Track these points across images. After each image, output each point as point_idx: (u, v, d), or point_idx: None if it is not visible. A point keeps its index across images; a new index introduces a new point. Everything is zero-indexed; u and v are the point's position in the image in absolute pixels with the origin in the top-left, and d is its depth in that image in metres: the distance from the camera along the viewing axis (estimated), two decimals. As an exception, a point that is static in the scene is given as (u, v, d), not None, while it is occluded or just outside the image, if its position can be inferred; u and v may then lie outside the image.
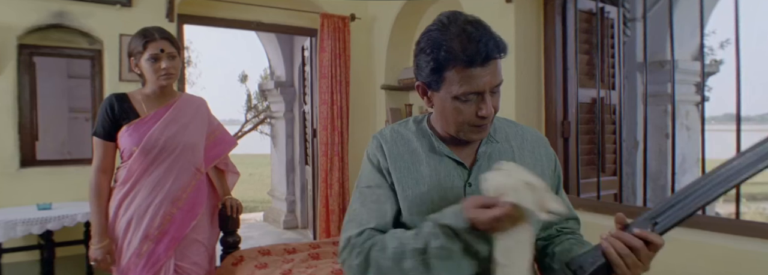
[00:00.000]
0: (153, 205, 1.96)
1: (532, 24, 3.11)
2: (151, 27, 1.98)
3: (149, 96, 2.02)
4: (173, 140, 1.98)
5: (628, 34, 4.03)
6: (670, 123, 2.73)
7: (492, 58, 0.99)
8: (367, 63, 4.63)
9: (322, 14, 4.22)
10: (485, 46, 0.97)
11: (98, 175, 1.97)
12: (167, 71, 1.93)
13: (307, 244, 2.63)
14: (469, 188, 1.12)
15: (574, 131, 3.04)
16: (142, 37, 1.92)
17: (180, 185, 2.02)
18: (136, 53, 1.94)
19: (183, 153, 2.02)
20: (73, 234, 3.23)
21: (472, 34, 0.98)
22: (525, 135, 1.23)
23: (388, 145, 1.18)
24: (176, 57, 1.97)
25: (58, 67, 3.64)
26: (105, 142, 1.97)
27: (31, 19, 3.29)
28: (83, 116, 3.71)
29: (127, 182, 1.96)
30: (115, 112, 1.95)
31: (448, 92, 1.03)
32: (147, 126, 1.96)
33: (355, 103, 4.49)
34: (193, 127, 2.08)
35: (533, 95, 3.12)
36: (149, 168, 1.96)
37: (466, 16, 1.03)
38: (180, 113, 2.04)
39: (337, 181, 4.26)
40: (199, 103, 2.17)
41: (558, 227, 1.24)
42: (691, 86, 4.31)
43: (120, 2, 3.50)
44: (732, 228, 2.19)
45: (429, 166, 1.14)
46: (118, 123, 1.95)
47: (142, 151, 1.93)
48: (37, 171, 3.37)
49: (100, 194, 1.97)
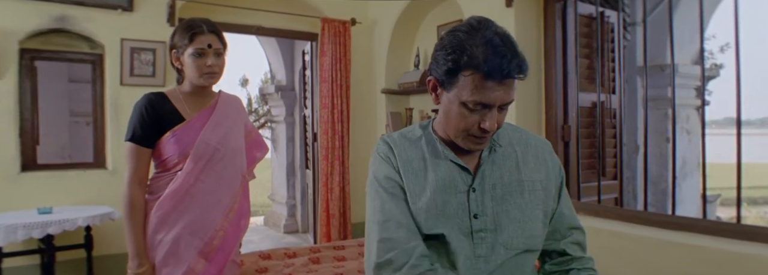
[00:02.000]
0: (208, 219, 1.74)
1: (532, 28, 3.12)
2: (198, 18, 1.77)
3: (190, 96, 1.79)
4: (224, 144, 1.79)
5: (628, 39, 4.04)
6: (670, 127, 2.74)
7: (511, 77, 0.98)
8: (367, 67, 4.64)
9: (323, 19, 4.23)
10: (508, 63, 0.96)
11: (134, 188, 1.69)
12: (212, 69, 1.72)
13: (307, 248, 2.63)
14: (472, 194, 1.12)
15: (575, 134, 3.05)
16: (188, 29, 1.70)
17: (231, 194, 1.82)
18: (179, 46, 1.72)
19: (232, 159, 1.83)
20: (73, 238, 3.22)
21: (499, 49, 0.97)
22: (529, 141, 1.22)
23: (398, 149, 1.18)
24: (222, 54, 1.76)
25: (60, 71, 3.65)
26: (142, 149, 1.70)
27: (32, 24, 3.30)
28: (84, 120, 3.72)
29: (176, 195, 1.70)
30: (156, 114, 1.70)
31: (457, 95, 1.02)
32: (194, 130, 1.74)
33: (356, 107, 4.50)
34: (237, 129, 1.88)
35: (533, 99, 3.12)
36: (201, 177, 1.73)
37: (497, 26, 1.02)
38: (224, 115, 1.83)
39: (337, 185, 4.25)
40: (238, 102, 1.97)
41: (565, 241, 1.22)
42: (692, 89, 4.31)
43: (121, 7, 3.51)
44: (733, 232, 2.19)
45: (434, 171, 1.14)
46: (160, 127, 1.70)
47: (194, 158, 1.71)
48: (37, 175, 3.37)
49: (138, 211, 1.69)
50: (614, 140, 3.29)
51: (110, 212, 3.15)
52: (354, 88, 4.44)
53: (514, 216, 1.12)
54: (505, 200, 1.12)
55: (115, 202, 3.40)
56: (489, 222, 1.11)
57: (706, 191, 2.52)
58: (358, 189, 4.39)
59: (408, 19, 4.35)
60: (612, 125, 3.29)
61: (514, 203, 1.12)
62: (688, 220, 2.41)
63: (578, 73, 3.05)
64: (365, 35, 4.59)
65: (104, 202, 3.38)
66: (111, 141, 3.56)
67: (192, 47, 1.69)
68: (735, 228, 2.21)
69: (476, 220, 1.10)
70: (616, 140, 3.29)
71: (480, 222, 1.10)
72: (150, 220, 1.69)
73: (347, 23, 4.33)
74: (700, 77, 4.00)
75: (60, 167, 3.52)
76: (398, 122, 4.44)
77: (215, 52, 1.72)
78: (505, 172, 1.15)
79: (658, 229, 2.46)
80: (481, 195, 1.12)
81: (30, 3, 3.27)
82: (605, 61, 3.24)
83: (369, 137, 4.65)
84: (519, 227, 1.11)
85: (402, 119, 4.48)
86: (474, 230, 1.10)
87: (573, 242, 1.23)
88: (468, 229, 1.10)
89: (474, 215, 1.11)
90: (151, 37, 3.61)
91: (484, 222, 1.11)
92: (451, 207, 1.11)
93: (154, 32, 3.62)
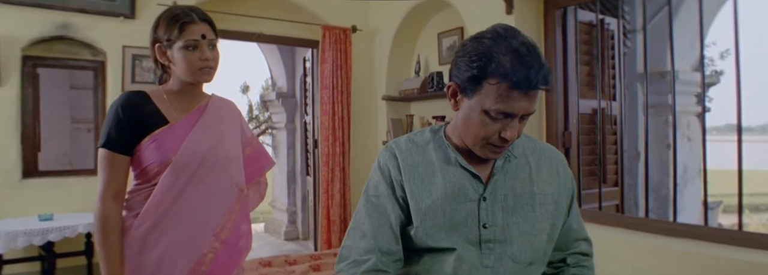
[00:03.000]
0: (192, 239, 1.48)
1: (532, 35, 3.12)
2: (184, 6, 1.52)
3: (176, 95, 1.53)
4: (214, 152, 1.53)
5: (628, 46, 4.05)
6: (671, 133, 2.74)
7: (537, 89, 0.98)
8: (368, 74, 4.65)
9: (324, 26, 4.25)
10: (536, 74, 0.96)
11: (108, 202, 1.42)
12: (208, 63, 1.47)
13: (308, 255, 2.63)
14: (483, 203, 1.10)
15: (575, 141, 3.05)
16: (175, 19, 1.44)
17: (224, 211, 1.55)
18: (167, 40, 1.45)
19: (225, 169, 1.56)
20: (74, 245, 3.22)
21: (526, 59, 0.96)
22: (543, 152, 1.20)
23: (403, 155, 1.16)
24: (216, 46, 1.52)
25: (61, 78, 3.67)
26: (118, 156, 1.44)
27: (35, 31, 3.32)
28: (85, 126, 3.73)
29: (155, 210, 1.44)
30: (135, 115, 1.44)
31: (480, 103, 1.01)
32: (178, 135, 1.48)
33: (357, 113, 4.50)
34: (231, 136, 1.63)
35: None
36: (186, 190, 1.47)
37: (524, 36, 1.01)
38: (215, 118, 1.58)
39: (338, 192, 4.25)
40: (233, 107, 1.72)
41: (569, 252, 1.22)
42: (692, 96, 4.31)
43: (123, 14, 3.53)
44: (735, 239, 2.19)
45: (443, 177, 1.12)
46: (139, 130, 1.45)
47: (175, 167, 1.45)
48: (38, 182, 3.38)
49: (113, 229, 1.42)
50: (615, 147, 3.29)
51: (111, 219, 3.15)
52: (355, 94, 4.45)
53: (524, 228, 1.10)
54: (516, 211, 1.11)
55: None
56: (498, 233, 1.09)
57: (707, 198, 2.51)
58: (358, 196, 4.35)
59: (409, 26, 4.37)
60: (613, 132, 3.29)
61: (525, 215, 1.11)
62: (689, 227, 2.40)
63: (578, 80, 3.05)
64: (366, 42, 4.60)
65: (105, 209, 3.36)
66: (112, 148, 3.56)
67: (182, 40, 1.43)
68: (737, 235, 2.20)
69: (486, 230, 1.09)
70: (616, 147, 3.29)
71: (489, 232, 1.09)
72: (128, 241, 1.44)
73: (348, 30, 4.35)
74: (700, 84, 4.00)
75: (61, 173, 3.53)
76: (399, 128, 4.45)
77: (209, 44, 1.48)
78: (517, 183, 1.13)
79: (659, 236, 2.46)
80: (492, 205, 1.10)
81: (33, 11, 3.29)
82: (605, 68, 3.25)
83: (370, 143, 4.65)
84: (528, 240, 1.10)
85: (402, 126, 4.49)
86: (483, 240, 1.09)
87: (577, 252, 1.22)
88: (477, 239, 1.09)
89: (483, 224, 1.09)
90: (153, 44, 3.62)
91: (494, 232, 1.09)
92: (460, 215, 1.09)
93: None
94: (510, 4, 3.01)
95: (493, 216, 1.09)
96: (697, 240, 2.30)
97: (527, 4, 3.09)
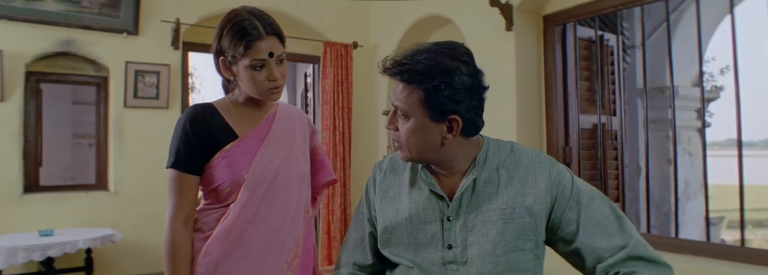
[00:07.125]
0: (266, 268, 1.33)
1: (532, 51, 3.15)
2: (250, 15, 1.30)
3: (242, 107, 1.39)
4: (286, 167, 1.38)
5: (627, 61, 4.07)
6: (672, 149, 2.74)
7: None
8: (368, 89, 4.67)
9: (325, 42, 4.29)
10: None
11: (178, 227, 1.30)
12: (276, 83, 1.31)
13: (308, 271, 2.61)
14: (447, 223, 1.08)
15: (576, 156, 3.05)
16: (241, 35, 1.26)
17: (295, 236, 1.39)
18: (230, 55, 1.29)
19: (298, 188, 1.41)
20: (73, 260, 3.20)
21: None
22: (520, 161, 1.12)
23: (381, 175, 1.22)
24: (284, 60, 1.34)
25: (64, 93, 3.70)
26: (188, 176, 1.31)
27: (39, 47, 3.35)
28: (87, 141, 3.74)
29: (227, 236, 1.30)
30: (204, 131, 1.31)
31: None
32: (249, 149, 1.35)
33: (357, 128, 4.51)
34: (301, 148, 1.47)
35: (534, 121, 3.14)
36: (259, 211, 1.33)
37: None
38: (285, 129, 1.44)
39: (338, 207, 4.24)
40: (301, 115, 1.55)
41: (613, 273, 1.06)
42: (692, 111, 4.33)
43: (126, 31, 3.57)
44: (737, 255, 2.17)
45: (410, 197, 1.13)
46: (209, 147, 1.32)
47: (249, 186, 1.31)
48: (40, 197, 3.37)
49: (182, 258, 1.29)
50: (616, 162, 3.29)
51: (111, 234, 3.14)
52: (355, 110, 4.46)
53: (484, 248, 1.05)
54: (479, 231, 1.06)
55: (117, 224, 3.41)
56: (459, 255, 1.06)
57: (709, 214, 2.50)
58: (359, 211, 4.35)
59: (409, 42, 4.37)
60: (613, 147, 3.29)
61: (487, 234, 1.05)
62: (691, 243, 2.39)
63: (579, 95, 3.07)
64: (367, 58, 4.63)
65: (106, 224, 3.36)
66: (114, 163, 3.57)
67: (248, 58, 1.27)
68: (739, 251, 2.19)
69: (449, 251, 1.07)
70: (617, 162, 3.29)
71: (452, 254, 1.07)
72: (197, 268, 1.29)
73: (349, 46, 4.38)
74: (700, 99, 4.02)
75: (62, 188, 3.52)
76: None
77: (278, 60, 1.31)
78: (483, 200, 1.08)
79: (661, 252, 2.41)
80: (455, 225, 1.08)
81: (37, 27, 3.32)
82: (605, 84, 3.26)
83: (370, 158, 4.65)
84: (489, 261, 1.04)
85: (404, 141, 4.49)
86: (446, 261, 1.07)
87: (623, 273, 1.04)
88: (441, 260, 1.07)
89: (448, 245, 1.07)
90: (156, 60, 3.66)
91: (455, 254, 1.07)
92: (425, 236, 1.09)
93: (158, 55, 3.67)
94: (510, 21, 3.04)
95: (456, 236, 1.07)
96: (699, 255, 2.29)
97: (527, 21, 3.12)
